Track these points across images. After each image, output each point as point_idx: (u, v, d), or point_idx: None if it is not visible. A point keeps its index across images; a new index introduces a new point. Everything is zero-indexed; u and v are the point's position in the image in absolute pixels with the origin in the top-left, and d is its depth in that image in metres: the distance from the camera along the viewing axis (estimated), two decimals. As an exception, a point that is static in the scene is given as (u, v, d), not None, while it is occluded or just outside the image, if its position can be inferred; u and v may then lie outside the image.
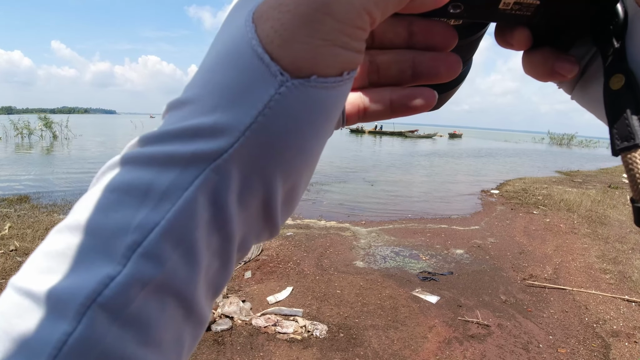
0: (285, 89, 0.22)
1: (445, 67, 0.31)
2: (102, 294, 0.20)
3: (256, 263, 5.35)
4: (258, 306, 4.17)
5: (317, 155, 0.28)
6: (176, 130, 0.23)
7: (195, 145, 0.22)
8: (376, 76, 0.33)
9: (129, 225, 0.21)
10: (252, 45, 0.22)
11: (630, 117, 0.28)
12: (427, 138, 53.19)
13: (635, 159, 0.28)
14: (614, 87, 0.29)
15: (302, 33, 0.22)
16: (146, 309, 0.21)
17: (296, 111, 0.23)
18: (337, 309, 4.13)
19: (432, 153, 28.56)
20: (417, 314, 4.12)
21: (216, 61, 0.24)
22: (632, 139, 0.28)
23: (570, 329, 3.95)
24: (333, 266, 5.33)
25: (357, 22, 0.22)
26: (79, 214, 0.23)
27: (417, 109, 0.33)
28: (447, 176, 16.01)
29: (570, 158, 32.02)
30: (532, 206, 9.78)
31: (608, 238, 7.02)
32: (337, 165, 17.44)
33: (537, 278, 5.14)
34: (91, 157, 16.85)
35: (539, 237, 7.05)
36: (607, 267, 5.55)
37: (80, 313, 0.19)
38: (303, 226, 7.26)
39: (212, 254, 0.24)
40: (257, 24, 0.23)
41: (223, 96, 0.23)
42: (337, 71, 0.23)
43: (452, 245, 6.49)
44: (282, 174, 0.25)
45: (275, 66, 0.22)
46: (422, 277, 5.09)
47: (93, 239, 0.21)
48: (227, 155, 0.22)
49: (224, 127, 0.22)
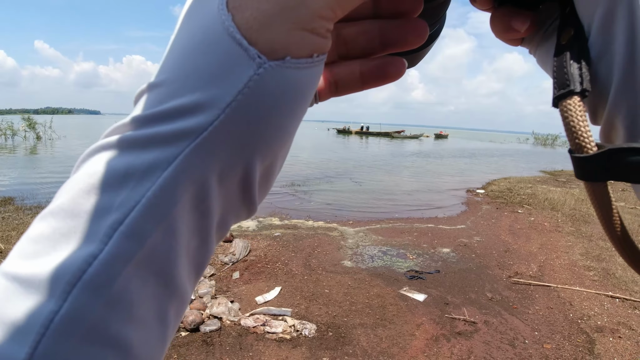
0: (263, 70, 0.24)
1: (413, 34, 0.32)
2: (86, 272, 0.21)
3: (244, 264, 5.34)
4: (247, 306, 4.17)
5: (292, 134, 0.29)
6: (155, 112, 0.24)
7: (175, 124, 0.23)
8: (345, 49, 0.33)
9: (111, 206, 0.22)
10: (230, 31, 0.24)
11: (570, 65, 0.28)
12: (414, 139, 53.55)
13: (569, 107, 0.28)
14: (563, 40, 0.30)
15: (278, 19, 0.23)
16: (129, 286, 0.22)
17: (273, 90, 0.24)
18: (325, 308, 4.15)
19: (419, 153, 28.76)
20: (405, 312, 4.15)
21: (191, 46, 0.25)
22: (568, 85, 0.28)
23: (555, 325, 4.02)
24: (321, 266, 5.34)
25: (324, 13, 0.24)
26: (61, 199, 0.23)
27: (387, 79, 0.34)
28: (433, 176, 16.14)
29: (554, 158, 32.47)
30: (517, 205, 9.91)
31: (591, 236, 7.15)
32: (325, 165, 17.49)
33: (523, 275, 5.22)
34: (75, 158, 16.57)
35: (523, 236, 7.15)
36: (590, 265, 5.65)
37: (66, 292, 0.20)
38: (291, 226, 7.26)
39: (191, 231, 0.25)
40: (233, 12, 0.24)
41: (202, 78, 0.24)
42: (308, 53, 0.25)
43: (439, 244, 6.55)
44: (261, 153, 0.26)
45: (253, 49, 0.23)
46: (409, 275, 5.13)
47: (76, 221, 0.22)
48: (207, 133, 0.23)
49: (204, 104, 0.23)
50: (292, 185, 11.92)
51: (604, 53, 0.28)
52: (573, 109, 0.28)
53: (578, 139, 0.27)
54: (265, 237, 6.46)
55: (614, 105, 0.28)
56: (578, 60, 0.28)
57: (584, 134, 0.27)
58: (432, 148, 36.94)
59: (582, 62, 0.28)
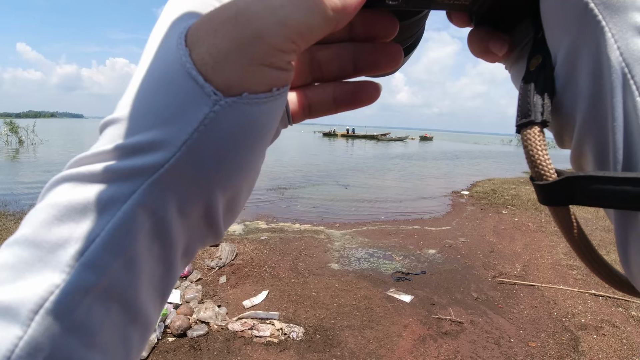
0: (219, 107, 0.24)
1: (386, 58, 0.32)
2: (48, 300, 0.21)
3: (231, 268, 5.32)
4: (234, 311, 4.15)
5: (254, 166, 0.29)
6: (114, 148, 0.25)
7: (133, 161, 0.24)
8: (319, 72, 0.34)
9: (71, 237, 0.23)
10: (187, 68, 0.24)
11: (533, 95, 0.29)
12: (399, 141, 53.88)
13: (529, 136, 0.29)
14: (531, 67, 0.30)
15: (234, 55, 0.24)
16: (91, 314, 0.23)
17: (230, 127, 0.25)
18: (313, 311, 4.15)
19: (404, 156, 28.97)
20: (392, 314, 4.17)
21: (150, 82, 0.26)
22: (529, 115, 0.29)
23: (540, 323, 4.07)
24: (308, 269, 5.34)
25: (284, 47, 0.24)
26: (25, 229, 0.24)
27: (360, 104, 0.34)
28: (418, 178, 16.26)
29: (536, 159, 32.89)
30: (501, 206, 10.03)
31: (573, 235, 7.27)
32: (310, 169, 17.51)
33: (507, 275, 5.29)
34: (58, 163, 16.37)
35: (508, 236, 7.25)
36: (573, 264, 5.75)
37: (30, 318, 0.21)
38: (277, 230, 7.25)
39: (154, 260, 0.26)
40: (191, 48, 0.24)
41: (159, 115, 0.24)
42: (266, 87, 0.25)
43: (425, 245, 6.60)
44: (221, 186, 0.27)
45: (209, 86, 0.24)
46: (396, 277, 5.16)
47: (39, 251, 0.23)
48: (163, 170, 0.24)
49: (160, 143, 0.24)
50: (278, 188, 11.90)
51: (569, 84, 0.28)
52: (533, 139, 0.29)
53: (537, 167, 0.28)
54: (251, 241, 6.44)
55: (581, 135, 0.28)
56: (542, 90, 0.29)
57: (543, 162, 0.28)
58: (417, 150, 37.22)
59: (545, 94, 0.29)
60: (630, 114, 0.24)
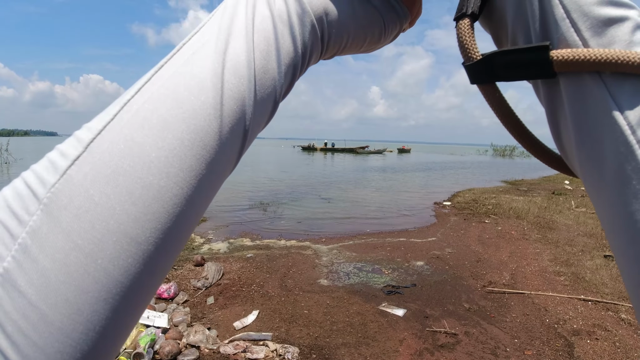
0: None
1: None
2: None
3: (218, 288, 5.19)
4: (225, 333, 4.03)
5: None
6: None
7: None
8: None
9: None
10: None
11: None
12: (378, 154, 54.30)
13: (461, 26, 0.33)
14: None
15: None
16: None
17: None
18: (306, 330, 4.06)
19: (384, 168, 29.14)
20: (387, 328, 4.11)
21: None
22: (462, 10, 0.34)
23: (533, 331, 4.07)
24: (298, 286, 5.25)
25: None
26: None
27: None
28: (399, 190, 16.34)
29: (513, 168, 33.62)
30: (483, 215, 10.13)
31: (558, 242, 7.37)
32: (292, 183, 17.42)
33: (496, 284, 5.30)
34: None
35: (493, 245, 7.29)
36: (560, 270, 5.80)
37: None
38: (263, 247, 7.14)
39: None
40: None
41: None
42: None
43: (412, 257, 6.58)
44: None
45: None
46: (386, 291, 5.11)
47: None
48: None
49: None
50: (260, 204, 11.79)
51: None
52: (464, 29, 0.33)
53: (466, 51, 0.33)
54: (237, 259, 6.32)
55: (513, 31, 0.32)
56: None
57: (470, 47, 0.33)
58: (396, 162, 37.54)
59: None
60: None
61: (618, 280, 5.34)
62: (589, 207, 11.27)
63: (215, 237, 7.84)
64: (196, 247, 7.05)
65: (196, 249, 6.94)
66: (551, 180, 20.90)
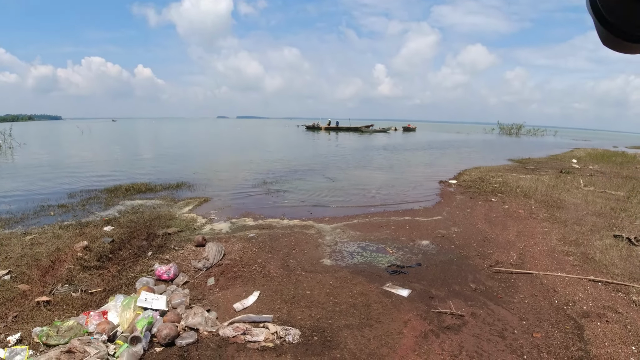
0: None
1: None
2: None
3: (219, 268, 5.09)
4: (224, 315, 3.93)
5: None
6: None
7: None
8: None
9: None
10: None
11: None
12: (383, 132, 53.82)
13: None
14: None
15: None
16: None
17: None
18: (308, 311, 3.95)
19: (389, 147, 28.86)
20: (391, 309, 4.00)
21: None
22: None
23: (541, 312, 3.95)
24: (300, 266, 5.14)
25: None
26: None
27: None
28: (405, 169, 16.17)
29: (520, 146, 33.24)
30: (489, 194, 9.96)
31: (566, 221, 7.21)
32: (296, 163, 17.26)
33: (504, 264, 5.17)
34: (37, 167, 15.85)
35: (500, 224, 7.15)
36: (569, 249, 5.66)
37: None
38: (265, 226, 7.03)
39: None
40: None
41: None
42: None
43: (417, 236, 6.46)
44: None
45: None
46: (391, 271, 4.99)
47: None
48: None
49: None
50: (264, 184, 11.67)
51: None
52: None
53: None
54: (239, 239, 6.22)
55: None
56: None
57: None
58: (401, 141, 37.20)
59: None
60: None
61: (628, 261, 5.20)
62: (598, 186, 11.06)
63: (218, 217, 7.73)
64: (198, 228, 6.95)
65: (198, 230, 6.85)
66: (558, 158, 20.62)
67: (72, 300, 4.41)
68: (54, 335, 3.64)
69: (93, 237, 6.24)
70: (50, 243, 5.97)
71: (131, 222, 7.17)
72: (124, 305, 4.01)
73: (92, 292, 4.68)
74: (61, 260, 5.55)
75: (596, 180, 12.18)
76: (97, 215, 7.83)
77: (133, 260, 5.48)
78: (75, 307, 4.28)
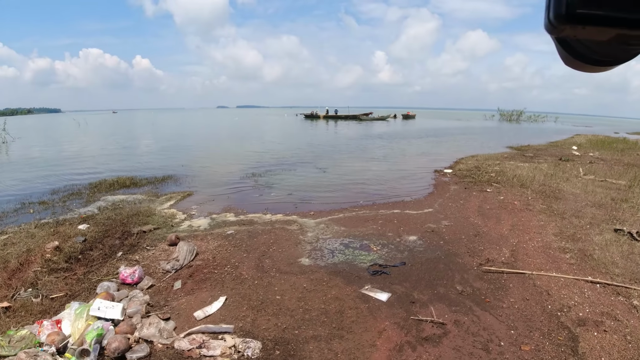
0: None
1: None
2: None
3: (189, 270, 4.75)
4: (184, 324, 3.59)
5: None
6: None
7: None
8: None
9: None
10: None
11: None
12: (382, 120, 53.25)
13: None
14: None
15: None
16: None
17: None
18: (275, 320, 3.60)
19: (386, 135, 28.34)
20: (366, 317, 3.65)
21: None
22: None
23: (532, 319, 3.58)
24: (275, 266, 4.79)
25: None
26: None
27: None
28: (401, 158, 15.74)
29: (520, 133, 32.71)
30: (485, 184, 9.57)
31: (564, 213, 6.82)
32: (288, 154, 16.84)
33: (495, 262, 4.80)
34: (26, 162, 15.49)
35: (493, 217, 6.77)
36: (566, 246, 5.28)
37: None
38: (246, 222, 6.67)
39: None
40: None
41: None
42: None
43: (405, 231, 6.09)
44: None
45: None
46: (372, 271, 4.64)
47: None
48: None
49: None
50: (252, 176, 11.29)
51: None
52: None
53: None
54: (216, 237, 5.86)
55: None
56: None
57: None
58: (400, 129, 36.65)
59: None
60: None
61: (629, 259, 4.81)
62: (598, 174, 10.66)
63: (198, 213, 7.38)
64: (176, 225, 6.60)
65: (176, 226, 6.50)
66: (558, 145, 20.18)
67: (32, 307, 4.09)
68: (5, 345, 3.34)
69: (66, 237, 5.90)
70: (23, 243, 5.63)
71: (108, 220, 6.82)
72: (77, 314, 3.68)
73: (52, 298, 4.35)
74: (30, 262, 5.22)
75: (596, 168, 11.77)
76: (76, 213, 7.48)
77: (102, 261, 5.15)
78: (34, 314, 3.97)
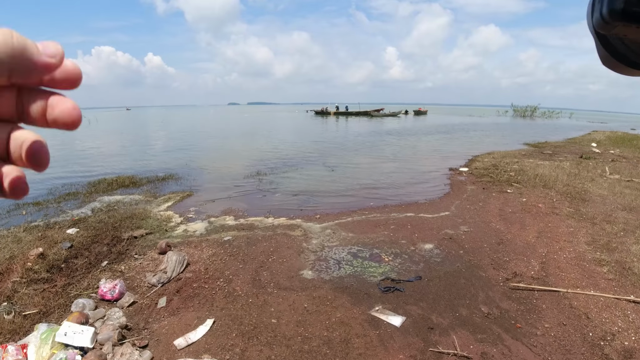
0: None
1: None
2: None
3: (177, 284, 4.23)
4: (162, 355, 3.06)
5: None
6: None
7: None
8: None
9: None
10: None
11: None
12: (393, 116, 52.48)
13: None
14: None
15: None
16: None
17: None
18: (268, 351, 3.06)
19: (398, 131, 27.64)
20: (376, 347, 3.09)
21: None
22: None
23: (572, 351, 3.00)
24: (273, 280, 4.25)
25: None
26: None
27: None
28: (413, 155, 15.10)
29: (535, 129, 31.81)
30: (504, 184, 8.93)
31: (594, 218, 6.18)
32: (295, 151, 16.28)
33: (523, 277, 4.21)
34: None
35: (517, 221, 6.16)
36: (601, 257, 4.66)
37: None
38: (246, 226, 6.14)
39: None
40: None
41: None
42: None
43: (420, 238, 5.51)
44: None
45: None
46: (383, 287, 4.08)
47: None
48: None
49: None
50: (257, 175, 10.77)
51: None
52: None
53: None
54: (211, 244, 5.34)
55: None
56: None
57: None
58: (412, 125, 35.88)
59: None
60: None
61: (685, 276, 4.19)
62: (623, 174, 9.96)
63: (196, 216, 6.87)
64: (170, 229, 6.10)
65: (170, 231, 6.00)
66: (576, 142, 19.37)
67: (3, 324, 3.62)
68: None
69: (52, 242, 5.44)
70: (7, 249, 5.19)
71: (99, 223, 6.35)
72: (42, 340, 3.20)
73: (25, 315, 3.87)
74: (10, 271, 4.77)
75: (620, 167, 11.05)
76: (68, 215, 7.03)
77: (85, 271, 4.67)
78: (3, 334, 3.51)
